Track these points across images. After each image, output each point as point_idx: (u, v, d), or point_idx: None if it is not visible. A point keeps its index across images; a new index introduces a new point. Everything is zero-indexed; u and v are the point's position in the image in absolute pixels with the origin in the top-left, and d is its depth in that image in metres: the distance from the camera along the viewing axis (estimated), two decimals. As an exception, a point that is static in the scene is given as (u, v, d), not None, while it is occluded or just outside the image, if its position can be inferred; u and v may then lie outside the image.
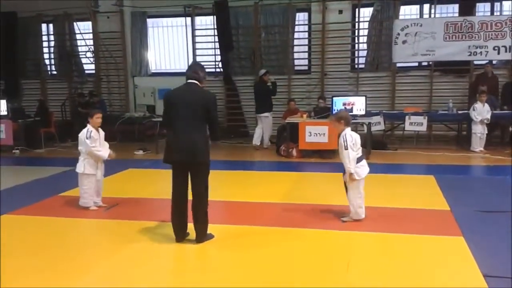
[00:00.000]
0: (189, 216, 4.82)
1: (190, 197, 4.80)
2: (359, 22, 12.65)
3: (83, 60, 14.39)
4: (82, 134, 6.09)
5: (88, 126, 6.11)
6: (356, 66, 12.78)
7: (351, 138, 5.24)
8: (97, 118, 6.14)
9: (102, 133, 6.27)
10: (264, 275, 4.06)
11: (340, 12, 12.46)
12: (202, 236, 4.80)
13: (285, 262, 4.32)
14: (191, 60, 13.47)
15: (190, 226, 4.85)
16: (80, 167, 6.15)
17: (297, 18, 13.08)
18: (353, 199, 5.40)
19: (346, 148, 5.20)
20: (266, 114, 11.02)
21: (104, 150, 6.15)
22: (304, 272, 4.11)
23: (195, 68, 4.87)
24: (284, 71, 12.96)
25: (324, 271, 4.11)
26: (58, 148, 11.79)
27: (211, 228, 4.89)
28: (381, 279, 3.93)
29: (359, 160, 5.32)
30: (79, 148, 6.16)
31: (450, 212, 5.70)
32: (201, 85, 4.81)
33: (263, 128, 11.11)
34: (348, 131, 5.30)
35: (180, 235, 4.82)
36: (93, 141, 6.03)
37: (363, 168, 5.39)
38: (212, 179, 4.85)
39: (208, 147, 4.75)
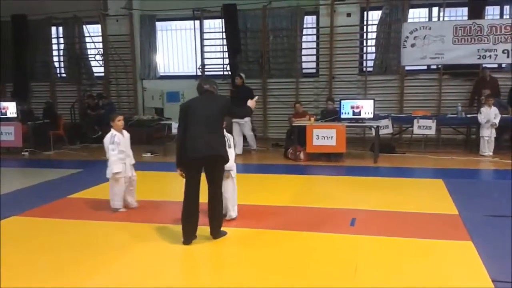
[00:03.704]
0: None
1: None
2: (367, 25, 12.62)
3: (92, 63, 14.47)
4: (107, 139, 6.04)
5: (112, 130, 6.09)
6: (364, 69, 12.75)
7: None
8: (119, 121, 6.13)
9: (127, 135, 6.25)
10: (271, 278, 4.06)
11: (349, 15, 12.44)
12: (218, 232, 4.95)
13: (292, 266, 4.32)
14: (199, 63, 13.51)
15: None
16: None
17: (305, 21, 13.08)
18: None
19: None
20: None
21: (116, 165, 5.98)
22: (312, 275, 4.10)
23: (207, 83, 5.10)
24: (292, 74, 12.96)
25: (332, 275, 4.10)
26: (67, 151, 11.85)
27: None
28: (388, 283, 3.91)
29: None
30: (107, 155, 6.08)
31: (458, 216, 5.66)
32: None
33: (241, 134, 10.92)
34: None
35: (189, 238, 4.83)
36: (116, 145, 5.99)
37: None
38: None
39: (226, 146, 4.96)
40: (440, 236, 4.97)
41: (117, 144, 6.02)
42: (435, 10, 12.29)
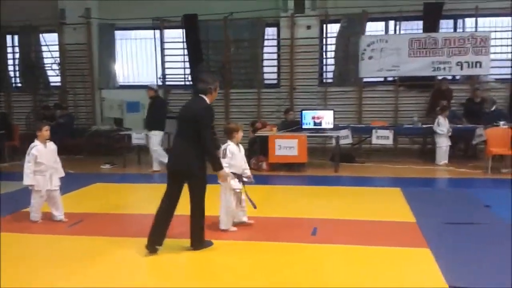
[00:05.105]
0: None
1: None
2: (326, 37, 12.85)
3: (49, 72, 14.13)
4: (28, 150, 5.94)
5: (35, 141, 5.96)
6: (324, 80, 12.95)
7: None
8: (46, 131, 5.99)
9: (52, 147, 6.12)
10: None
11: (309, 27, 12.62)
12: (196, 244, 4.91)
13: (253, 276, 4.31)
14: (160, 73, 13.43)
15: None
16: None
17: (266, 33, 13.19)
18: None
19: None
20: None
21: (30, 178, 5.92)
22: (273, 285, 4.10)
23: (199, 78, 5.03)
24: (254, 85, 13.03)
25: (293, 284, 4.11)
26: (23, 162, 11.45)
27: (179, 242, 4.94)
28: (349, 291, 3.96)
29: None
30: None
31: (415, 224, 5.79)
32: (210, 96, 4.95)
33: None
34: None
35: (150, 244, 4.79)
36: (32, 157, 5.87)
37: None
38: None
39: (198, 159, 4.79)
40: (398, 244, 5.08)
41: (34, 156, 5.89)
42: (391, 23, 12.62)
